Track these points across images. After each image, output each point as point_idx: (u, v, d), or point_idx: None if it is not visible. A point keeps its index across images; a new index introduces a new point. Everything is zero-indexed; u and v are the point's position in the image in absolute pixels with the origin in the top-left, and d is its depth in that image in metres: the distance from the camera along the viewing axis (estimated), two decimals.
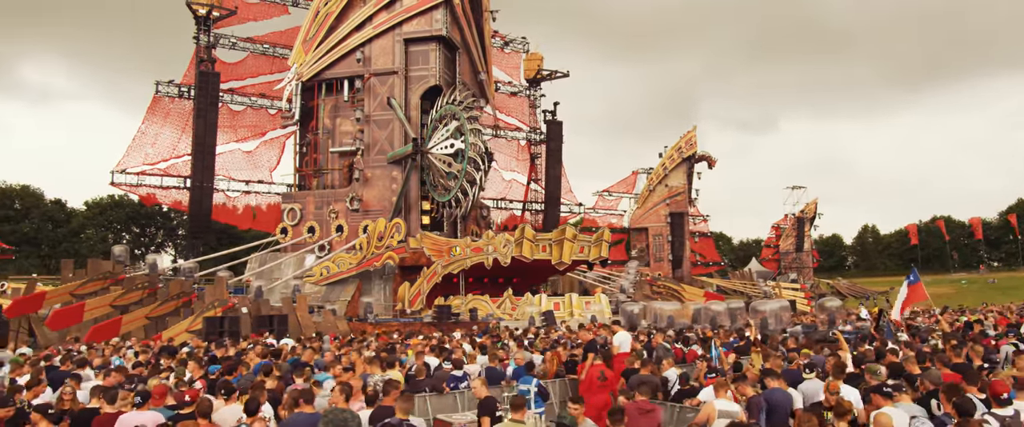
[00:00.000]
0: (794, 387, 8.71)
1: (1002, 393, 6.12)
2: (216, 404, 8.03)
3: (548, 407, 11.02)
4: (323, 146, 42.68)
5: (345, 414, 6.30)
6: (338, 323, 29.32)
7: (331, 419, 6.16)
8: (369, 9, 41.33)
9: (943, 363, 9.33)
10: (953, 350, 9.83)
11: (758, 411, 7.29)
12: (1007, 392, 6.15)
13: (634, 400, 7.27)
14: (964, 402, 5.65)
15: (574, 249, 31.43)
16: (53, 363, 13.72)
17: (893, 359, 10.23)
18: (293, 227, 41.30)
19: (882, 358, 10.38)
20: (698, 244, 73.52)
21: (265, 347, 15.62)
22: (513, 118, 55.14)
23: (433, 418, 10.15)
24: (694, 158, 66.70)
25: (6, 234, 64.18)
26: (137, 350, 17.72)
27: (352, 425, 6.16)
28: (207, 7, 39.93)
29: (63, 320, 26.67)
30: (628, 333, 12.74)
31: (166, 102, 40.66)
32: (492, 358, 11.84)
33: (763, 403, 7.53)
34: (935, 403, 7.01)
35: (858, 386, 7.98)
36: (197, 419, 6.73)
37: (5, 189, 68.76)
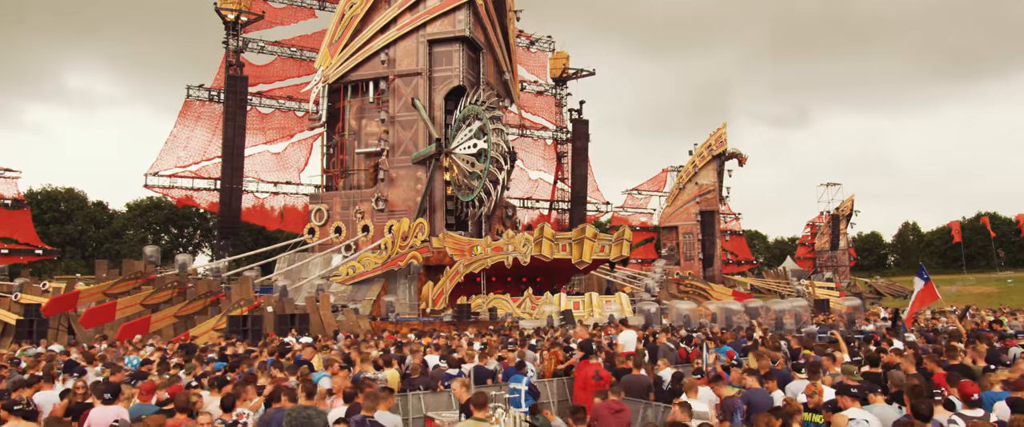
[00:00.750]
0: (782, 387, 8.61)
1: (971, 394, 5.98)
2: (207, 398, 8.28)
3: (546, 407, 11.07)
4: (349, 147, 43.27)
5: (309, 411, 6.43)
6: (360, 322, 29.70)
7: (294, 416, 6.30)
8: (393, 11, 41.77)
9: (938, 364, 9.12)
10: (948, 352, 9.58)
11: (731, 412, 7.22)
12: (975, 393, 6.00)
13: (606, 400, 7.26)
14: (919, 405, 5.53)
15: (594, 248, 31.33)
16: (69, 360, 14.19)
17: (895, 359, 10.02)
18: (320, 227, 41.95)
19: (878, 359, 10.18)
20: (730, 243, 72.53)
21: (278, 345, 15.94)
22: (539, 117, 55.14)
23: (425, 415, 10.28)
24: (724, 155, 65.72)
25: (52, 235, 66.40)
26: (157, 348, 18.26)
27: (317, 422, 6.29)
28: (235, 12, 40.79)
29: (95, 318, 27.53)
30: (634, 332, 12.66)
31: (197, 106, 41.68)
32: (483, 357, 11.89)
33: (739, 404, 7.45)
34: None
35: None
36: (176, 414, 6.94)
37: (51, 192, 71.16)
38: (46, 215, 67.99)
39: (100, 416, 7.37)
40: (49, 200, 70.04)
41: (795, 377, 8.71)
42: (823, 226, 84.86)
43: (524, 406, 9.52)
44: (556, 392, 11.85)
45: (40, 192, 69.35)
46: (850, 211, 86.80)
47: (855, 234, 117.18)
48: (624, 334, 12.49)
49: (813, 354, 11.04)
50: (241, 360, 11.47)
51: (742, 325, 20.22)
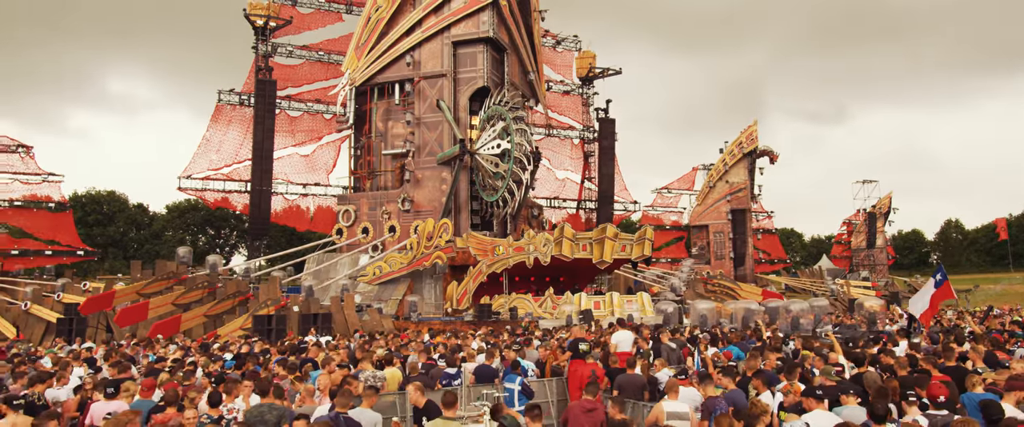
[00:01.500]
0: (770, 388, 8.60)
1: (938, 396, 5.95)
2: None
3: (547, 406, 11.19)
4: (376, 149, 43.88)
5: (261, 408, 6.71)
6: (384, 321, 30.14)
7: (250, 412, 6.60)
8: (418, 13, 42.23)
9: (933, 365, 9.00)
10: (945, 353, 9.43)
11: (711, 412, 7.27)
12: (943, 395, 5.97)
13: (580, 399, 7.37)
14: (876, 405, 5.54)
15: (615, 248, 31.27)
16: (93, 355, 14.76)
17: (888, 361, 9.91)
18: (348, 228, 42.63)
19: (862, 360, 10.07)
20: (762, 241, 71.46)
21: (292, 344, 16.34)
22: (566, 117, 55.13)
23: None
24: (756, 153, 64.76)
25: (95, 237, 68.56)
26: (181, 346, 18.85)
27: (269, 417, 6.57)
28: (264, 18, 41.68)
29: (129, 317, 28.43)
30: (629, 333, 12.70)
31: (228, 110, 42.72)
32: (489, 356, 12.06)
33: (722, 404, 7.49)
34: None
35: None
36: (166, 409, 7.26)
37: (94, 195, 73.47)
38: (90, 217, 70.21)
39: (101, 410, 7.73)
40: (93, 203, 72.31)
41: (782, 378, 8.68)
42: (859, 224, 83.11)
43: (517, 405, 9.66)
44: (556, 391, 11.95)
45: (84, 195, 71.65)
46: (888, 208, 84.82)
47: (895, 232, 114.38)
48: (618, 334, 12.54)
49: (813, 355, 10.97)
50: (247, 358, 11.84)
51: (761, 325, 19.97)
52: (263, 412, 7.15)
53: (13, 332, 29.70)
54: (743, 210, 65.20)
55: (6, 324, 31.12)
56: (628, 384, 10.05)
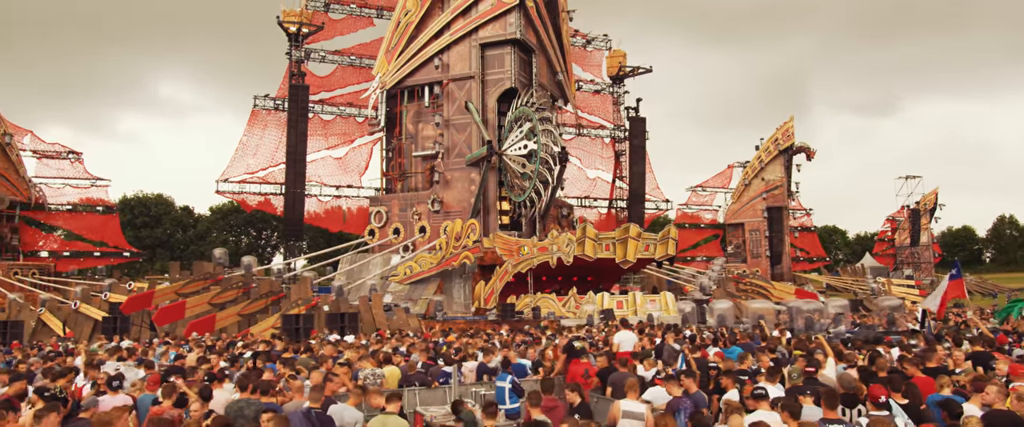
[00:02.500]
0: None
1: (878, 397, 6.10)
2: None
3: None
4: (407, 150, 44.65)
5: (240, 403, 7.18)
6: (410, 321, 30.75)
7: (229, 407, 7.08)
8: (446, 17, 42.83)
9: (915, 365, 9.04)
10: (927, 354, 9.44)
11: (674, 412, 7.49)
12: (883, 396, 6.12)
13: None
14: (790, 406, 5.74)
15: (639, 248, 31.31)
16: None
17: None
18: (380, 229, 43.50)
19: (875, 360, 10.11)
20: (800, 239, 70.28)
21: (306, 343, 16.97)
22: (596, 116, 55.17)
23: (415, 410, 10.92)
24: (792, 150, 63.82)
25: (144, 238, 71.23)
26: (205, 344, 19.65)
27: (248, 412, 7.03)
28: (297, 24, 42.81)
29: (167, 316, 29.61)
30: (631, 333, 12.93)
31: (264, 115, 44.00)
32: (487, 355, 12.43)
33: (685, 404, 7.71)
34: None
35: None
36: (161, 402, 7.82)
37: (143, 198, 76.26)
38: (138, 220, 72.94)
39: (106, 403, 8.32)
40: (141, 206, 75.07)
41: (760, 380, 8.83)
42: (903, 221, 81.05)
43: (507, 403, 10.01)
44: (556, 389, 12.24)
45: (132, 198, 74.44)
46: (934, 204, 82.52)
47: (945, 228, 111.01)
48: (620, 334, 12.77)
49: (804, 355, 11.03)
50: (257, 356, 12.43)
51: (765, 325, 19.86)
52: (242, 407, 7.58)
53: (60, 329, 31.17)
54: (780, 208, 64.30)
55: (55, 321, 32.68)
56: (618, 382, 10.29)
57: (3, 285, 39.22)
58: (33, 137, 45.99)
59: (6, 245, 42.85)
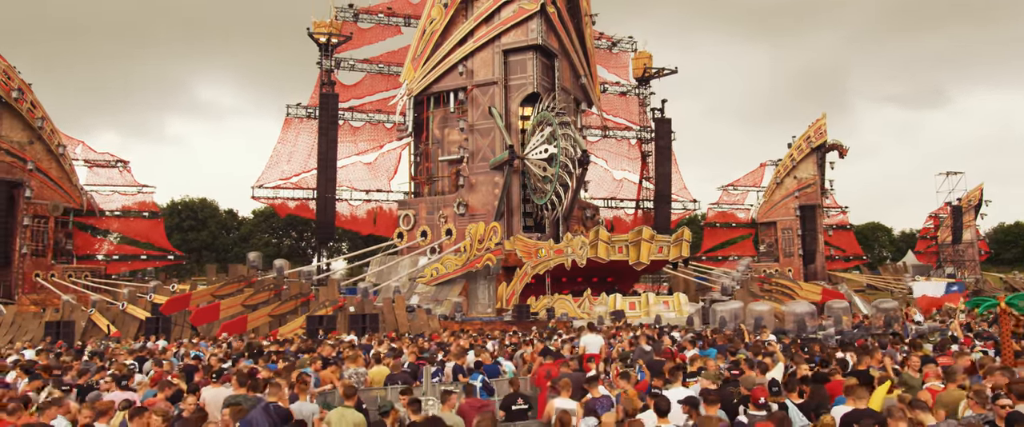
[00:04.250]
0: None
1: (759, 398, 6.84)
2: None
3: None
4: (434, 155, 45.95)
5: (237, 398, 8.25)
6: (430, 321, 31.92)
7: (227, 400, 8.15)
8: (470, 24, 43.95)
9: (843, 370, 9.67)
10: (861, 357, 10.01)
11: (590, 412, 8.26)
12: (763, 397, 6.85)
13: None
14: (658, 401, 6.53)
15: (652, 249, 31.85)
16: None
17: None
18: (408, 231, 44.89)
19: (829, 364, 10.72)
20: (834, 237, 69.33)
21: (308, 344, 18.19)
22: (623, 118, 55.62)
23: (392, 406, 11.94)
24: (824, 147, 63.03)
25: (190, 241, 74.28)
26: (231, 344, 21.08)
27: (244, 405, 8.08)
28: (326, 35, 44.48)
29: (203, 317, 31.39)
30: (598, 336, 13.72)
31: (296, 123, 45.83)
32: (461, 357, 13.38)
33: (604, 403, 8.49)
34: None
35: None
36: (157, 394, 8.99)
37: (188, 202, 79.44)
38: (185, 223, 76.06)
39: (118, 397, 9.54)
40: (187, 209, 78.23)
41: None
42: (947, 218, 79.09)
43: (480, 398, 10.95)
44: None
45: (179, 203, 77.64)
46: (979, 200, 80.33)
47: (995, 224, 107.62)
48: (586, 337, 13.56)
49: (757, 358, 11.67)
50: (259, 355, 13.64)
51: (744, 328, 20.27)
52: (239, 401, 8.69)
53: (106, 328, 33.21)
54: (813, 206, 63.57)
55: (103, 320, 34.81)
56: (576, 382, 11.12)
57: (58, 287, 41.79)
58: (85, 147, 48.67)
59: (61, 249, 45.48)
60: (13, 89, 40.26)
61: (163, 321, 33.21)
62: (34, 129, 41.76)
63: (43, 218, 42.98)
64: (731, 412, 7.20)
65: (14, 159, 41.20)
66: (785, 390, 7.84)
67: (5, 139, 40.85)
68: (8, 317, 34.82)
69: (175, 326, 33.43)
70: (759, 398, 6.79)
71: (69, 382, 11.15)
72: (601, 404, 8.26)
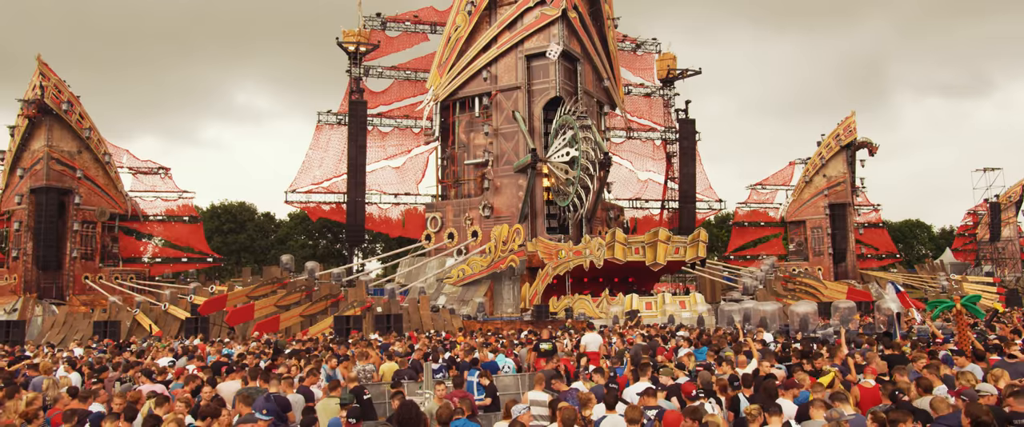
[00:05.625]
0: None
1: (689, 391, 7.69)
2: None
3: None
4: (460, 159, 47.13)
5: (250, 390, 9.36)
6: (454, 321, 33.04)
7: (240, 392, 9.27)
8: (494, 30, 45.01)
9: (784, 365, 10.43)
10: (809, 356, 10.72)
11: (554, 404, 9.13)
12: (693, 390, 7.69)
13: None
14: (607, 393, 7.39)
15: (669, 250, 32.46)
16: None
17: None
18: (435, 233, 46.16)
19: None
20: (867, 235, 68.59)
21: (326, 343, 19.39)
22: (648, 119, 56.11)
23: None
24: (854, 145, 62.53)
25: (230, 244, 76.85)
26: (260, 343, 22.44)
27: (255, 396, 9.19)
28: (355, 44, 46.01)
29: (238, 317, 32.98)
30: (596, 335, 14.58)
31: (327, 129, 47.47)
32: (468, 353, 14.37)
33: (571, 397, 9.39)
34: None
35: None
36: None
37: (227, 206, 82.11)
38: (224, 226, 78.64)
39: (143, 389, 10.78)
40: (227, 213, 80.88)
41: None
42: (986, 215, 77.56)
43: (476, 394, 11.92)
44: (527, 385, 14.06)
45: (219, 206, 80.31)
46: (1020, 197, 78.63)
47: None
48: (587, 336, 14.43)
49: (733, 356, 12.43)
50: (279, 353, 14.84)
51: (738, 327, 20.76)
52: (250, 393, 9.83)
53: (149, 327, 35.09)
54: (843, 204, 63.10)
55: (146, 320, 36.76)
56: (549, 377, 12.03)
57: (106, 288, 44.06)
58: (129, 155, 51.08)
59: (108, 253, 47.86)
60: (63, 102, 42.58)
61: (201, 321, 34.75)
62: (82, 139, 44.05)
63: (91, 223, 45.28)
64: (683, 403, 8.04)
65: (64, 168, 43.57)
66: (742, 385, 8.64)
67: (56, 149, 43.21)
68: (61, 317, 37.01)
69: (213, 326, 35.01)
70: (689, 392, 7.62)
71: (108, 376, 12.49)
72: (568, 397, 9.17)
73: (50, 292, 42.64)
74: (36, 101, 41.73)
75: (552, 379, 9.49)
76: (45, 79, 41.83)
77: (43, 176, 42.55)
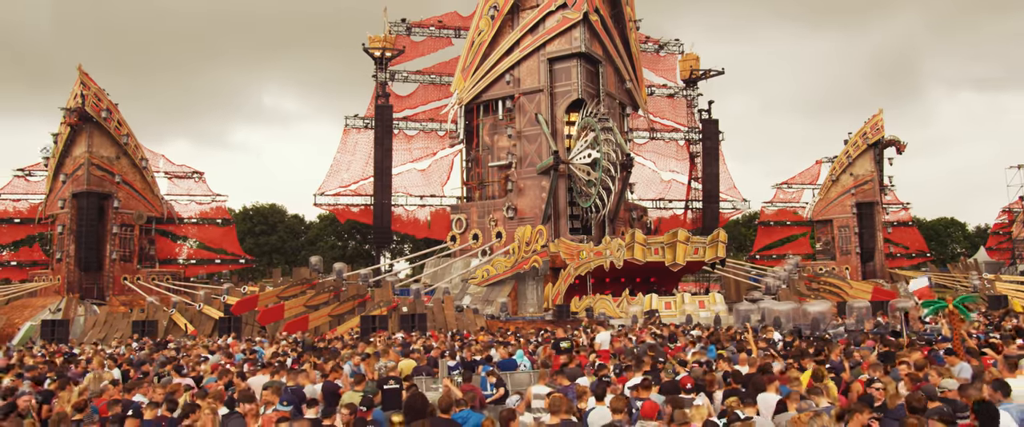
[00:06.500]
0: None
1: (685, 385, 8.25)
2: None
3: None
4: (484, 161, 47.91)
5: (276, 383, 10.15)
6: (477, 320, 33.76)
7: (266, 385, 10.06)
8: (516, 34, 45.69)
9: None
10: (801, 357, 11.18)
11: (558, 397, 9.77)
12: (689, 384, 8.25)
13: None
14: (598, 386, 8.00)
15: (688, 251, 32.79)
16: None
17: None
18: (460, 234, 46.98)
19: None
20: (896, 234, 67.86)
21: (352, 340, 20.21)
22: (671, 119, 56.34)
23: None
24: (881, 143, 61.99)
25: (263, 245, 78.72)
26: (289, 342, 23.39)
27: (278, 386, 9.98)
28: (380, 49, 47.05)
29: (269, 317, 34.05)
30: (608, 333, 15.15)
31: (354, 133, 48.64)
32: (484, 352, 15.06)
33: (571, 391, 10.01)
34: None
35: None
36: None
37: (259, 208, 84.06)
38: (257, 228, 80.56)
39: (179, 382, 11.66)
40: (259, 215, 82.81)
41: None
42: (1021, 212, 76.05)
43: (489, 389, 12.61)
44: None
45: (251, 208, 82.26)
46: None
47: None
48: (600, 335, 15.01)
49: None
50: (303, 351, 15.70)
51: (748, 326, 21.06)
52: (279, 385, 10.62)
53: (185, 326, 36.39)
54: (871, 203, 62.60)
55: (182, 320, 38.13)
56: (573, 374, 12.67)
57: (144, 289, 45.71)
58: (165, 160, 52.85)
59: (145, 254, 49.60)
60: (102, 109, 44.30)
61: (234, 321, 35.79)
62: (120, 145, 45.75)
63: (129, 226, 47.00)
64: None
65: (104, 173, 45.30)
66: (733, 380, 9.18)
67: (96, 155, 44.96)
68: (102, 316, 38.53)
69: (245, 325, 36.10)
70: (685, 385, 8.20)
71: (145, 370, 13.44)
72: (568, 391, 9.80)
73: (91, 292, 44.33)
74: (77, 109, 43.45)
75: (557, 375, 10.11)
76: (86, 88, 43.56)
77: (84, 181, 44.27)
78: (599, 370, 10.64)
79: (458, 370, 14.37)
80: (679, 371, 10.56)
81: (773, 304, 22.65)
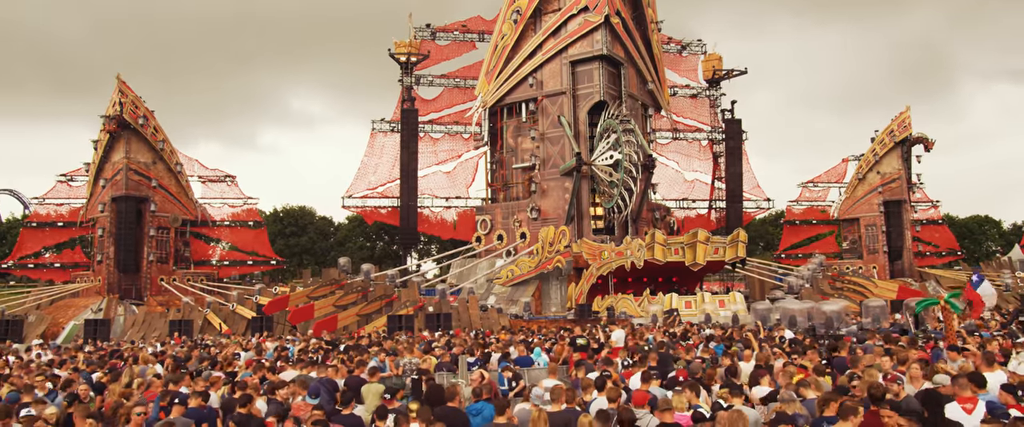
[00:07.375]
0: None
1: (680, 377, 8.86)
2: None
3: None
4: (508, 163, 48.65)
5: (305, 377, 10.96)
6: (500, 319, 34.50)
7: (296, 379, 10.88)
8: (539, 38, 46.35)
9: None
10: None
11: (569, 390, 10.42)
12: (683, 377, 8.86)
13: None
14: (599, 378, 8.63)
15: (708, 251, 33.13)
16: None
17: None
18: (485, 235, 47.76)
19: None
20: (925, 232, 67.06)
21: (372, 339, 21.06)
22: (695, 119, 56.50)
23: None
24: (908, 141, 61.35)
25: (292, 247, 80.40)
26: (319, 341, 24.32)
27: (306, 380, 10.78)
28: (406, 54, 48.05)
29: (299, 316, 35.21)
30: (622, 331, 15.75)
31: (381, 136, 49.73)
32: (515, 347, 15.78)
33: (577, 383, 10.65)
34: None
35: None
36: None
37: (289, 210, 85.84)
38: (287, 230, 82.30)
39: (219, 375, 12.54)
40: (289, 217, 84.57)
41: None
42: None
43: (505, 385, 13.31)
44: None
45: (281, 210, 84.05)
46: None
47: None
48: (615, 333, 15.61)
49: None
50: (331, 349, 16.56)
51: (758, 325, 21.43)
52: (305, 380, 11.43)
53: (218, 326, 37.68)
54: (898, 201, 61.98)
55: (217, 319, 39.46)
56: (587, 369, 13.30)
57: (179, 290, 47.24)
58: (199, 165, 54.46)
59: (180, 256, 51.21)
60: (139, 116, 45.91)
61: (266, 320, 37.05)
62: (157, 151, 47.33)
63: (165, 229, 48.57)
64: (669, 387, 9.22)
65: (141, 178, 46.92)
66: (733, 377, 9.77)
67: (134, 160, 46.58)
68: (140, 316, 40.04)
69: (277, 324, 37.34)
70: (680, 377, 8.82)
71: (187, 366, 14.37)
72: (575, 384, 10.46)
73: (130, 293, 45.94)
74: (116, 117, 45.08)
75: (578, 367, 10.80)
76: (123, 96, 45.17)
77: (123, 186, 45.89)
78: (605, 365, 11.27)
79: (478, 365, 15.13)
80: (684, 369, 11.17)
81: (790, 303, 23.03)
